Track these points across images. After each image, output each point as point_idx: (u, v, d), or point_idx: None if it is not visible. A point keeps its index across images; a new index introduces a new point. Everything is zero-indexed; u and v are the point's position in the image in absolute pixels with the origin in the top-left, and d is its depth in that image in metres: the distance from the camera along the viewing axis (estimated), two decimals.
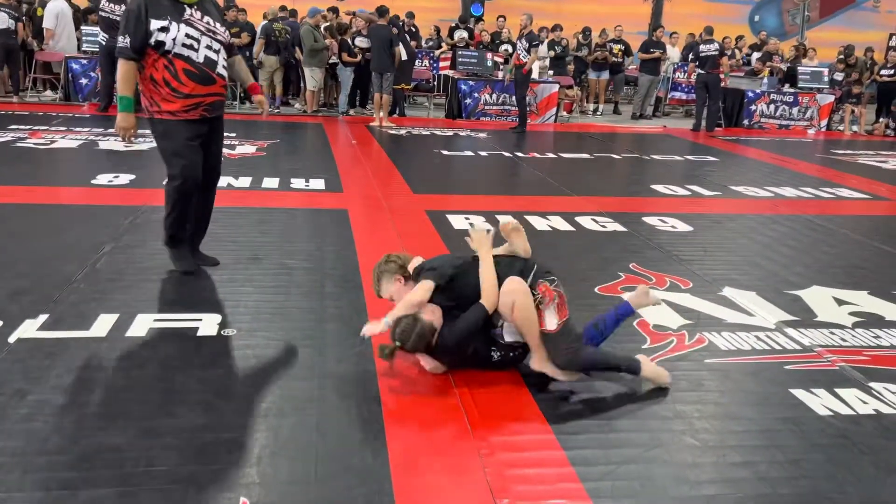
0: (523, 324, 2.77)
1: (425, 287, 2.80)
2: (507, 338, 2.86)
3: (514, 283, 2.78)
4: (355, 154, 8.12)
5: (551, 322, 2.79)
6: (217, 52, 3.61)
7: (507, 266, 2.88)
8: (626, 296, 3.21)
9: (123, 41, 3.46)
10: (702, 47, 11.31)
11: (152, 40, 3.44)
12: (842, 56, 14.15)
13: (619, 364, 2.88)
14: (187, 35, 3.48)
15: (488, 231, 2.95)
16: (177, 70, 3.50)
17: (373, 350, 3.08)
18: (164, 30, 3.43)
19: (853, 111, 12.82)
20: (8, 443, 2.27)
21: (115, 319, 3.21)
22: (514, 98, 11.14)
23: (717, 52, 11.27)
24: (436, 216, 5.33)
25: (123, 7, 9.40)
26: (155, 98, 3.55)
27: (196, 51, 3.52)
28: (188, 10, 3.51)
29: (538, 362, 2.83)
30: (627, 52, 13.59)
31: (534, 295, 2.79)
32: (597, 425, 2.58)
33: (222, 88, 3.72)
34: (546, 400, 2.73)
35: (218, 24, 3.64)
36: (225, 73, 3.70)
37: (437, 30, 13.90)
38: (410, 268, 2.98)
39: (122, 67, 3.52)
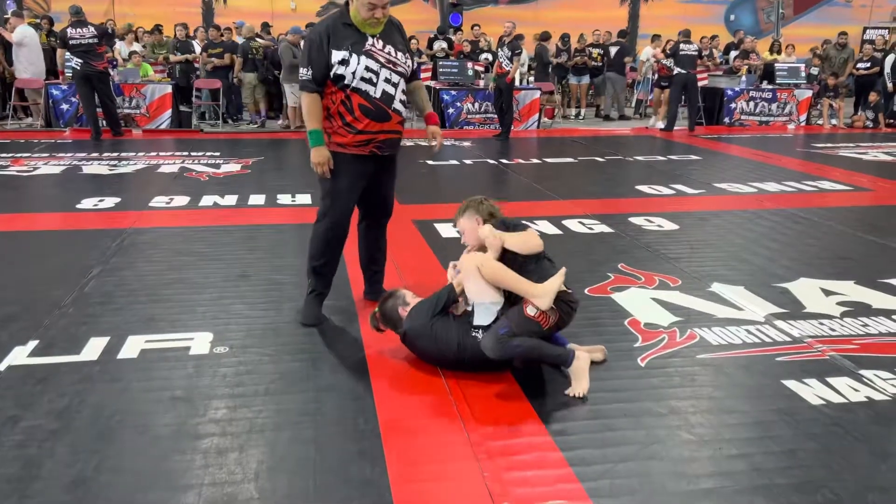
0: (498, 280, 2.89)
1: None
2: (480, 321, 2.89)
3: (466, 258, 2.99)
4: None
5: (531, 309, 2.84)
6: (396, 85, 3.32)
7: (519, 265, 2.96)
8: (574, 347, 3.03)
9: (306, 73, 3.26)
10: (681, 46, 11.43)
11: (332, 73, 3.22)
12: (815, 50, 14.35)
13: (555, 356, 2.88)
14: (367, 68, 3.22)
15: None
16: (353, 105, 3.26)
17: (367, 362, 3.09)
18: (345, 62, 3.20)
19: (831, 105, 12.97)
20: (2, 469, 2.25)
21: (106, 342, 3.19)
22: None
23: (695, 53, 11.41)
24: (423, 226, 5.34)
25: (90, 30, 9.40)
26: (327, 129, 3.35)
27: (374, 85, 3.25)
28: (370, 40, 3.25)
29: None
30: (606, 55, 13.71)
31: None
32: (593, 425, 2.59)
33: (398, 125, 3.39)
34: (542, 402, 2.74)
35: (400, 55, 3.33)
36: (402, 108, 3.38)
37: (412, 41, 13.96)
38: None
39: (306, 100, 3.31)
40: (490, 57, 12.87)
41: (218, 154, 8.65)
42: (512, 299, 2.93)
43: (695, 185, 7.21)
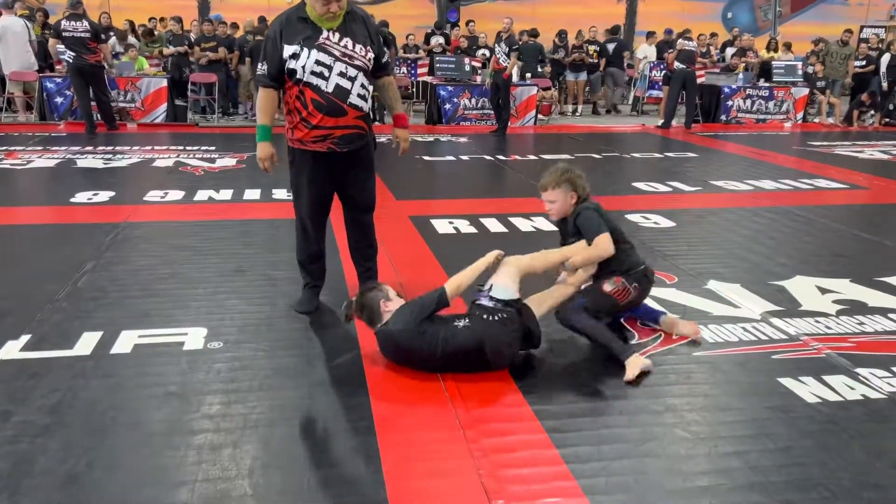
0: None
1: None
2: (499, 295, 2.98)
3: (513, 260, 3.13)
4: None
5: (608, 286, 3.15)
6: (353, 79, 3.23)
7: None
8: (674, 322, 3.38)
9: (262, 68, 3.27)
10: (681, 41, 11.42)
11: (286, 67, 3.20)
12: (816, 52, 14.34)
13: (611, 344, 3.05)
14: (317, 62, 3.17)
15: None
16: (306, 99, 3.22)
17: (361, 358, 3.07)
18: (295, 56, 3.17)
19: (829, 102, 12.97)
20: None
21: (100, 337, 3.17)
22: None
23: (694, 49, 11.41)
24: (420, 221, 5.32)
25: (84, 24, 9.35)
26: (289, 124, 3.35)
27: (326, 79, 3.19)
28: (325, 33, 3.19)
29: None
30: (602, 52, 13.71)
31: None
32: (588, 422, 2.59)
33: (357, 121, 3.30)
34: (537, 399, 2.73)
35: (359, 47, 3.24)
36: (361, 102, 3.30)
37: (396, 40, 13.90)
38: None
39: (260, 95, 3.34)
40: (487, 53, 12.84)
41: (213, 148, 8.61)
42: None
43: (691, 182, 7.21)
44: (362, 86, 3.30)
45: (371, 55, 3.30)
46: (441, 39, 13.71)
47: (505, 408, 2.69)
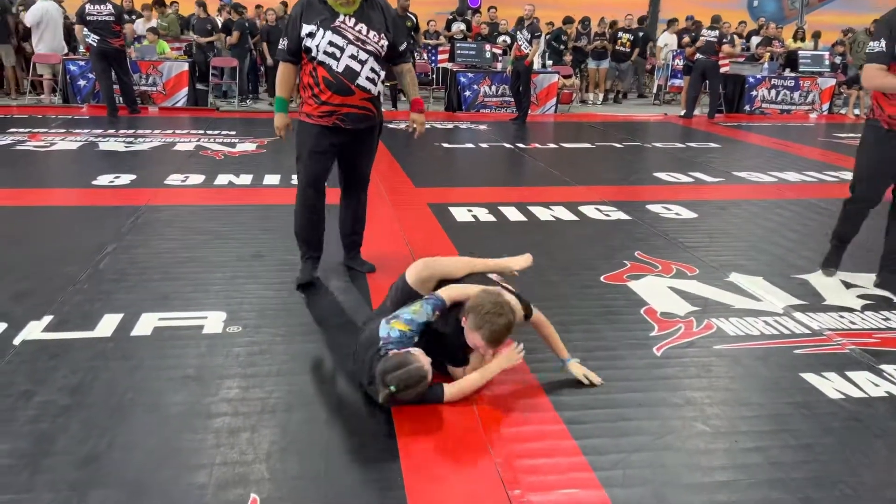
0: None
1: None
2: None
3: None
4: None
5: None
6: (363, 62, 3.43)
7: None
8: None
9: (282, 44, 3.51)
10: (703, 31, 11.25)
11: (303, 45, 3.42)
12: (842, 41, 14.08)
13: None
14: (330, 43, 3.38)
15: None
16: (318, 77, 3.44)
17: None
18: (311, 35, 3.39)
19: (857, 95, 12.74)
20: (16, 444, 2.26)
21: (120, 319, 3.20)
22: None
23: (716, 39, 11.21)
24: (438, 209, 5.30)
25: (108, 7, 9.39)
26: (302, 100, 3.60)
27: (337, 59, 3.40)
28: (342, 17, 3.40)
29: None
30: (635, 42, 13.56)
31: None
32: (607, 414, 2.56)
33: (364, 102, 3.50)
34: (555, 390, 2.71)
35: (372, 33, 3.43)
36: (370, 85, 3.49)
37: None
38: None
39: (280, 69, 3.59)
40: (508, 39, 12.73)
41: (233, 133, 8.64)
42: None
43: (714, 173, 7.12)
44: (372, 69, 3.48)
45: (384, 42, 3.48)
46: (462, 26, 13.62)
47: (523, 398, 2.67)
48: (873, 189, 3.91)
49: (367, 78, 3.47)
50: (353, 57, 3.41)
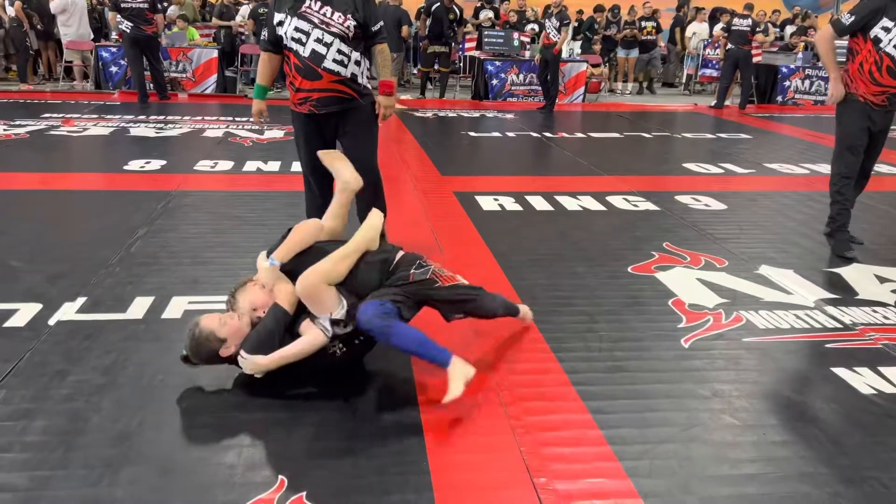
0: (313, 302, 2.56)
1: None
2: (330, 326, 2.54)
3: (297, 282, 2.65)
4: (382, 136, 8.09)
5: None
6: (328, 45, 3.46)
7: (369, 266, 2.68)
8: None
9: (263, 34, 3.67)
10: (735, 20, 11.05)
11: (276, 33, 3.54)
12: None
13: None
14: (296, 28, 3.46)
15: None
16: (291, 64, 3.55)
17: None
18: (281, 24, 3.50)
19: None
20: (51, 422, 2.31)
21: (151, 302, 3.25)
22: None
23: (748, 28, 11.02)
24: (464, 197, 5.30)
25: None
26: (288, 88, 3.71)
27: (303, 45, 3.47)
28: (307, 2, 3.46)
29: None
30: (659, 29, 13.38)
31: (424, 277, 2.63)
32: (633, 405, 2.55)
33: (334, 84, 3.53)
34: (581, 379, 2.71)
35: (337, 15, 3.45)
36: (339, 67, 3.50)
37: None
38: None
39: (261, 58, 3.77)
40: (536, 28, 12.63)
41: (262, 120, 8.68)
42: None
43: (744, 164, 7.01)
44: (339, 51, 3.50)
45: (350, 23, 3.47)
46: (490, 13, 13.53)
47: (548, 387, 2.67)
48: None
49: (335, 60, 3.50)
50: (318, 40, 3.45)
